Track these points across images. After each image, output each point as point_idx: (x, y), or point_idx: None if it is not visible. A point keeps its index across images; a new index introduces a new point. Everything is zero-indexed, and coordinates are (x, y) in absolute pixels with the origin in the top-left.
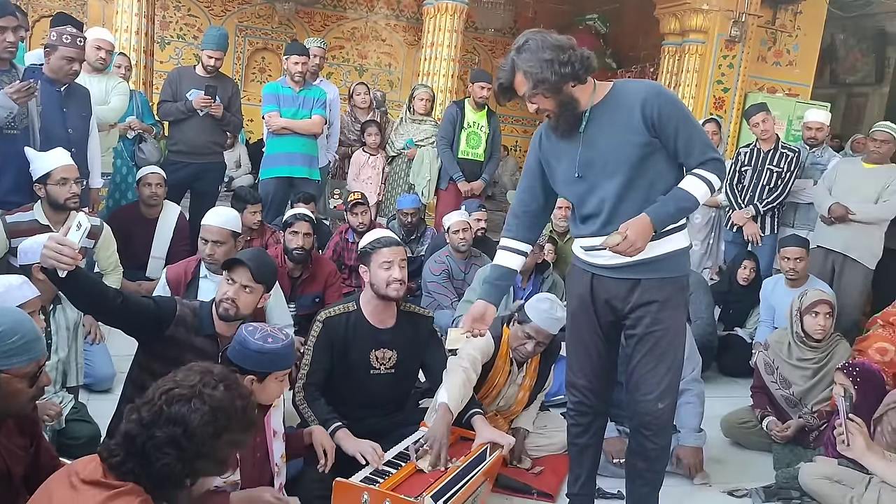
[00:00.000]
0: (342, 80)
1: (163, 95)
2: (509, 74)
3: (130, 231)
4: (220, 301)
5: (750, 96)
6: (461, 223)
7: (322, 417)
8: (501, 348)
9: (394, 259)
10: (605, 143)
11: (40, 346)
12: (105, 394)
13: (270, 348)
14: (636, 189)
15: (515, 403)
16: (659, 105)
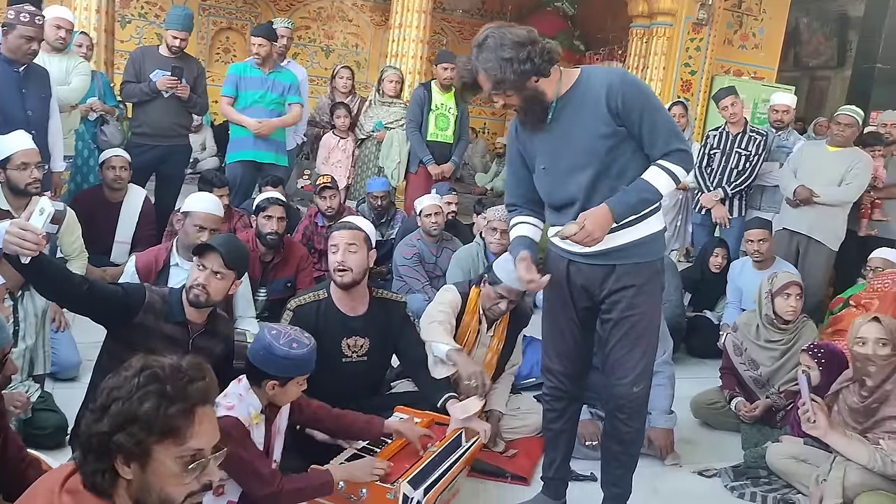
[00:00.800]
0: (308, 60)
1: (126, 76)
2: (471, 73)
3: (94, 215)
4: (191, 287)
5: (716, 79)
6: (433, 207)
7: None
8: (469, 305)
9: (339, 242)
10: (572, 134)
11: (5, 335)
12: (71, 382)
13: (297, 354)
14: (606, 180)
15: (484, 367)
16: (623, 93)
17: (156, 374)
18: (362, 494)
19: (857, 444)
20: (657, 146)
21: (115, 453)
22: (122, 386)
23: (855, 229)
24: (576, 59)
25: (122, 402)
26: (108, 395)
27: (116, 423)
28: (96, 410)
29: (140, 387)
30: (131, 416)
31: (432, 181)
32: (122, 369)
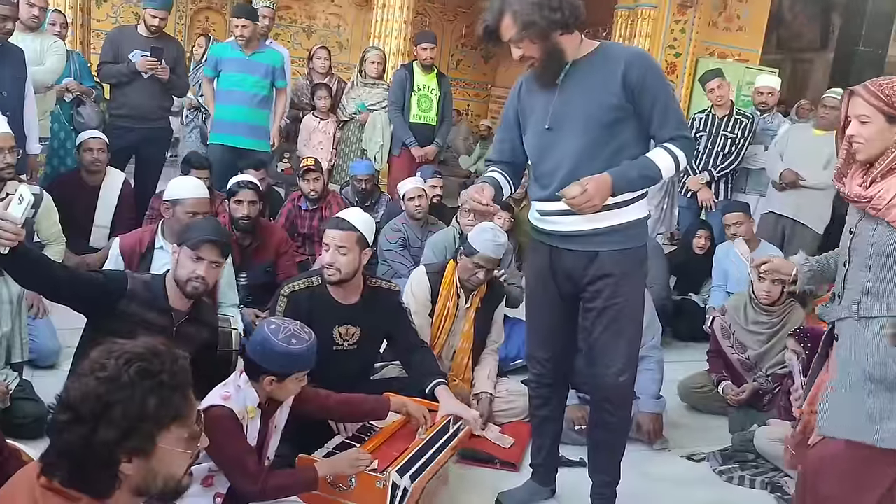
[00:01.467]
0: (290, 41)
1: (103, 56)
2: (496, 16)
3: (72, 199)
4: (189, 280)
5: (701, 62)
6: (416, 190)
7: None
8: (445, 280)
9: (330, 243)
10: (579, 98)
11: None
12: (50, 370)
13: (294, 350)
14: (599, 153)
15: (462, 338)
16: (644, 71)
17: (145, 367)
18: (351, 483)
19: None
20: (667, 129)
21: (122, 456)
22: (114, 388)
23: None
24: None
25: (123, 406)
26: (98, 401)
27: (125, 428)
28: (88, 419)
29: (136, 383)
30: (139, 416)
31: (416, 164)
32: (96, 369)
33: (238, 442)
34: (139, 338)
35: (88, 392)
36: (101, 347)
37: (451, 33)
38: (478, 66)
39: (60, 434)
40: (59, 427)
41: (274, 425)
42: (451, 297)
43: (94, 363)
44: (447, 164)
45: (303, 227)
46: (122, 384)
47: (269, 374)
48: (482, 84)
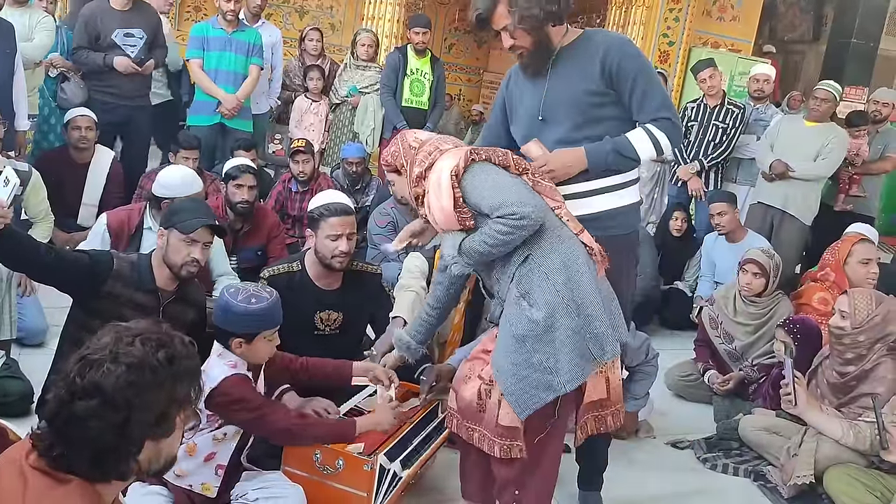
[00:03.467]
0: (282, 21)
1: (78, 40)
2: (490, 5)
3: (61, 177)
4: (184, 265)
5: (694, 51)
6: None
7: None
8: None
9: (342, 231)
10: (563, 86)
11: None
12: (37, 348)
13: (255, 309)
14: (580, 137)
15: (452, 330)
16: (620, 57)
17: (171, 352)
18: (339, 466)
19: (832, 420)
20: (646, 111)
21: (146, 440)
22: (147, 374)
23: (832, 204)
24: None
25: (157, 391)
26: (131, 387)
27: (158, 413)
28: (122, 407)
29: (165, 368)
30: (170, 401)
31: None
32: (121, 355)
33: (258, 395)
34: (137, 320)
35: (121, 379)
36: (111, 332)
37: (445, 17)
38: (471, 51)
39: (83, 423)
40: (83, 415)
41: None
42: None
43: (115, 350)
44: None
45: (293, 209)
46: (153, 369)
47: (237, 336)
48: (475, 69)
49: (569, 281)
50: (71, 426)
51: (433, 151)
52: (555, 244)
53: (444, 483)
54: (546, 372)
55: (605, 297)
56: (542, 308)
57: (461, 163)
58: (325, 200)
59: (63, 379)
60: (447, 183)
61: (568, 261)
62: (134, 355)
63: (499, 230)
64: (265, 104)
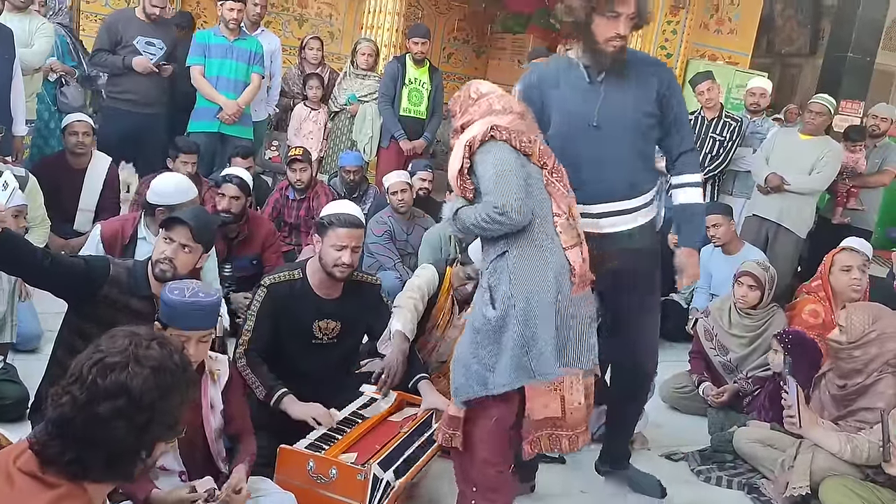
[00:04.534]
0: (281, 30)
1: (99, 43)
2: None
3: (58, 182)
4: (158, 261)
5: (692, 63)
6: (400, 184)
7: (267, 384)
8: (444, 283)
9: (349, 243)
10: (619, 101)
11: None
12: (31, 353)
13: (167, 297)
14: (635, 158)
15: (454, 346)
16: (672, 86)
17: (183, 357)
18: (332, 475)
19: (830, 434)
20: (683, 140)
21: (159, 441)
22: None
23: (830, 217)
24: (552, 37)
25: (178, 394)
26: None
27: (177, 415)
28: (146, 409)
29: (183, 371)
30: (186, 403)
31: (404, 157)
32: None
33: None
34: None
35: (148, 381)
36: (125, 335)
37: (444, 26)
38: (469, 61)
39: (107, 423)
40: (108, 416)
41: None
42: (446, 305)
43: (136, 352)
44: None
45: (290, 216)
46: (172, 372)
47: (158, 320)
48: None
49: (529, 292)
50: (91, 428)
51: (481, 112)
52: (532, 251)
53: (437, 492)
54: (485, 368)
55: (576, 318)
56: (498, 308)
57: (478, 136)
58: (337, 210)
59: (75, 383)
60: (459, 151)
61: (536, 272)
62: (155, 358)
63: (480, 215)
64: (263, 112)
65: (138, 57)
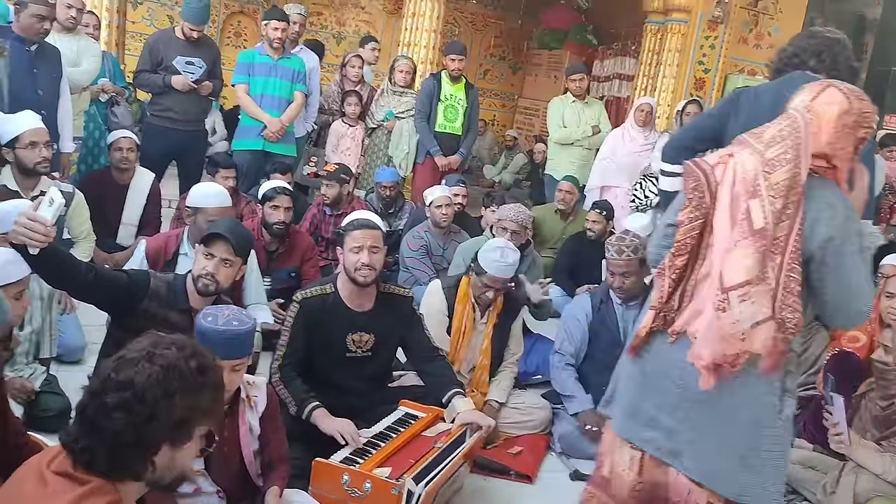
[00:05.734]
0: None
1: (142, 64)
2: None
3: (102, 197)
4: (199, 276)
5: (730, 78)
6: (444, 198)
7: (299, 397)
8: (459, 294)
9: (363, 243)
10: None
11: (6, 307)
12: (75, 365)
13: (199, 324)
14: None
15: (481, 354)
16: None
17: (202, 363)
18: (366, 489)
19: (874, 455)
20: None
21: (163, 442)
22: (178, 378)
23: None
24: (588, 52)
25: (183, 396)
26: (161, 385)
27: (179, 417)
28: (150, 403)
29: (195, 376)
30: (192, 408)
31: (439, 173)
32: (156, 357)
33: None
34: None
35: (152, 377)
36: (150, 337)
37: (481, 43)
38: (505, 77)
39: (110, 414)
40: (112, 407)
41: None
42: (466, 311)
43: (152, 351)
44: (471, 173)
45: (326, 231)
46: (184, 374)
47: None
48: (509, 94)
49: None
50: (98, 416)
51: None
52: None
53: None
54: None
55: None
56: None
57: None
58: (351, 217)
59: (98, 375)
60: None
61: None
62: (167, 358)
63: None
64: (302, 128)
65: (177, 76)
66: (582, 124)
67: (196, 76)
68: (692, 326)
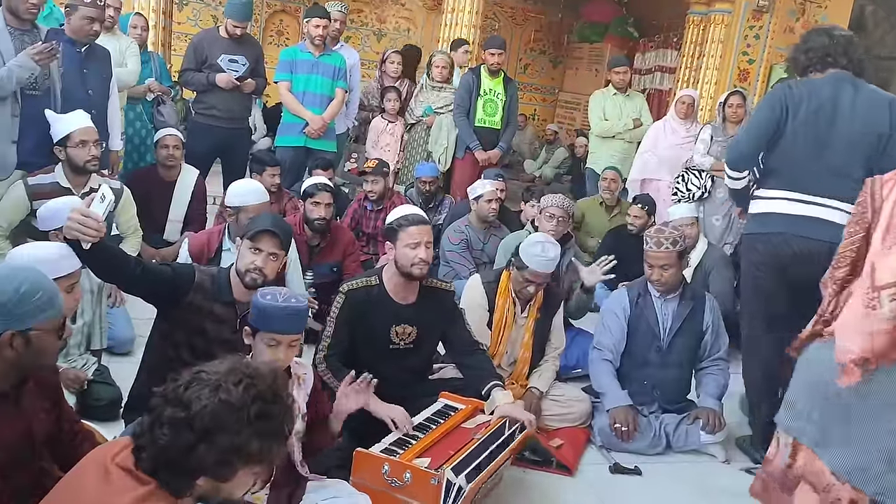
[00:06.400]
0: (360, 44)
1: (186, 63)
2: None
3: (149, 194)
4: (247, 271)
5: (775, 68)
6: (493, 192)
7: None
8: (500, 288)
9: (421, 239)
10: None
11: (60, 299)
12: (125, 356)
13: (260, 302)
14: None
15: (522, 348)
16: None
17: (265, 410)
18: (406, 479)
19: None
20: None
21: (202, 474)
22: (231, 419)
23: None
24: (629, 45)
25: (231, 438)
26: (212, 419)
27: (220, 457)
28: (197, 431)
29: (252, 423)
30: (237, 452)
31: (479, 167)
32: (221, 390)
33: None
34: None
35: (207, 409)
36: (236, 362)
37: (521, 37)
38: (546, 71)
39: (162, 425)
40: (166, 420)
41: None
42: (507, 305)
43: (222, 382)
44: (511, 167)
45: (367, 226)
46: (239, 417)
47: (248, 325)
48: (550, 89)
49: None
50: (154, 423)
51: None
52: None
53: (512, 501)
54: None
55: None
56: None
57: None
58: (403, 212)
59: (174, 382)
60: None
61: None
62: (231, 395)
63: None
64: (343, 125)
65: (221, 74)
66: (623, 117)
67: (239, 74)
68: (841, 323)
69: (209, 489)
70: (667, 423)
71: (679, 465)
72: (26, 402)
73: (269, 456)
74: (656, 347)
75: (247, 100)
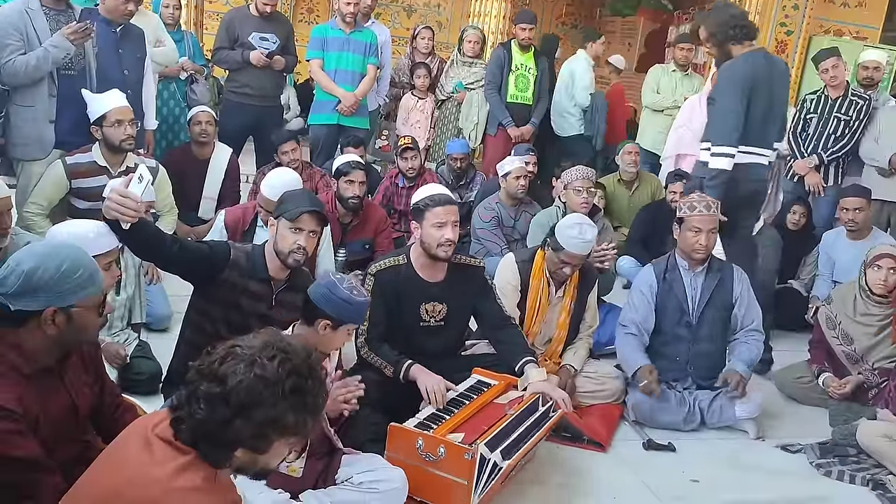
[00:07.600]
0: (391, 20)
1: (219, 41)
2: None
3: (184, 172)
4: (291, 252)
5: (814, 40)
6: (521, 169)
7: (392, 359)
8: (534, 269)
9: (447, 219)
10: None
11: (101, 276)
12: (162, 333)
13: (355, 300)
14: None
15: (557, 327)
16: None
17: (300, 385)
18: (440, 453)
19: None
20: None
21: (240, 446)
22: (267, 393)
23: None
24: (663, 18)
25: (266, 412)
26: (248, 394)
27: (257, 430)
28: (233, 406)
29: (287, 397)
30: (273, 425)
31: (511, 143)
32: (256, 364)
33: None
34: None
35: (242, 384)
36: (267, 336)
37: (552, 11)
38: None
39: (199, 400)
40: (201, 395)
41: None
42: (541, 286)
43: (257, 357)
44: None
45: (399, 203)
46: (274, 392)
47: (326, 318)
48: None
49: None
50: (191, 398)
51: None
52: None
53: (545, 476)
54: None
55: None
56: None
57: None
58: (429, 192)
59: (209, 356)
60: None
61: None
62: (266, 369)
63: None
64: (373, 102)
65: (254, 51)
66: (676, 94)
67: (270, 51)
68: None
69: (247, 460)
70: (701, 399)
71: (713, 441)
72: (70, 377)
73: (305, 429)
74: (686, 322)
75: (279, 78)
